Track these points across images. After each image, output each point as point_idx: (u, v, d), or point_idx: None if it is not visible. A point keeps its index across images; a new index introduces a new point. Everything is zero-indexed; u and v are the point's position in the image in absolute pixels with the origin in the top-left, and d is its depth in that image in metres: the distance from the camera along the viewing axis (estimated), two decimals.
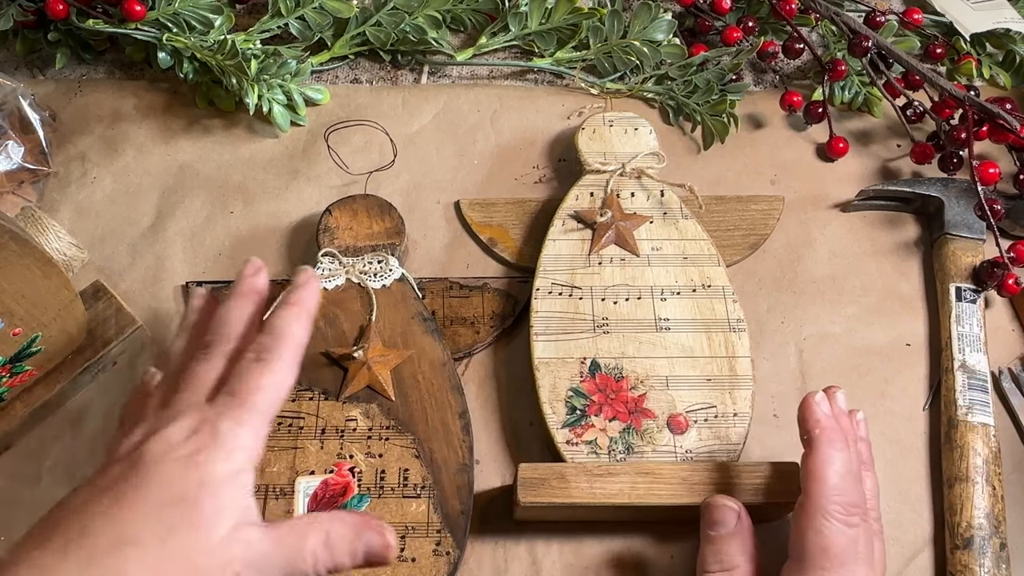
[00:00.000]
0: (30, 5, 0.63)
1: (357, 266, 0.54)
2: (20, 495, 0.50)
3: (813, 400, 0.44)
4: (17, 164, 0.60)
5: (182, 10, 0.60)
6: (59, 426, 0.52)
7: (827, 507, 0.40)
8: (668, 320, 0.52)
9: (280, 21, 0.64)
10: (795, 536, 0.41)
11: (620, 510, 0.46)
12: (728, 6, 0.68)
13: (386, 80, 0.69)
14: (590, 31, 0.66)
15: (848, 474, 0.41)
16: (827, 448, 0.42)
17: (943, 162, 0.61)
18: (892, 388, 0.55)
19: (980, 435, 0.51)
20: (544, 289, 0.53)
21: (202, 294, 0.46)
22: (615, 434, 0.49)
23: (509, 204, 0.60)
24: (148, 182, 0.62)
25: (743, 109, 0.66)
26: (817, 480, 0.41)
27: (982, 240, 0.58)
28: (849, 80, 0.66)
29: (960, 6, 0.69)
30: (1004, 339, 0.56)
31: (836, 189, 0.62)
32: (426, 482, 0.48)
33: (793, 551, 0.41)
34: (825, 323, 0.57)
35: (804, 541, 0.40)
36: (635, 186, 0.57)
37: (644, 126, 0.60)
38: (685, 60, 0.65)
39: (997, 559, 0.48)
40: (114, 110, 0.65)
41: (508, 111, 0.66)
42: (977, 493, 0.49)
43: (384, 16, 0.65)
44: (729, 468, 0.46)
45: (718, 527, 0.43)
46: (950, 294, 0.56)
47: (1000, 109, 0.57)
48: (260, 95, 0.61)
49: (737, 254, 0.58)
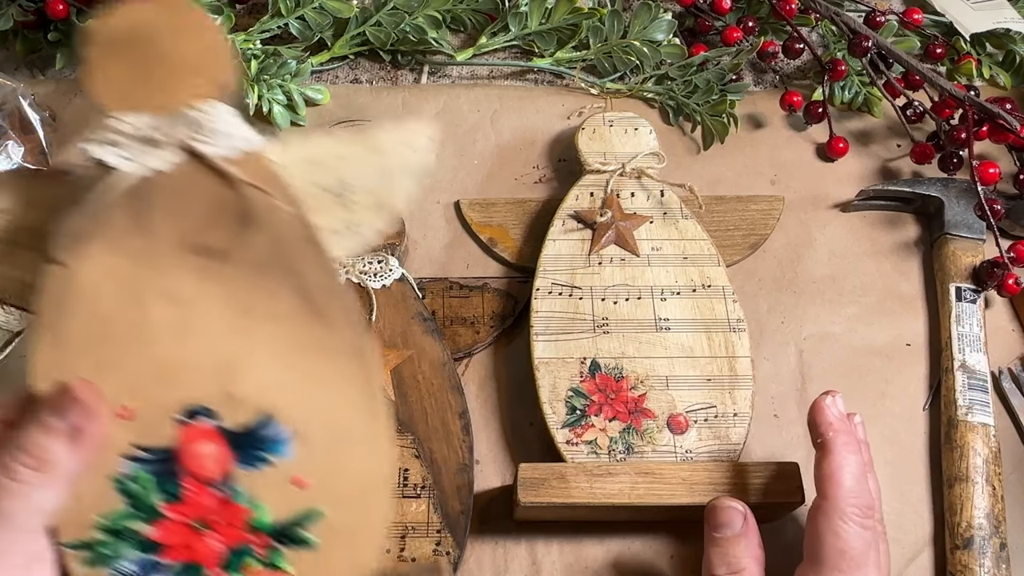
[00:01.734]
0: (30, 5, 0.63)
1: (357, 266, 0.54)
2: None
3: (824, 403, 0.44)
4: (17, 164, 0.59)
5: None
6: None
7: (845, 509, 0.40)
8: (668, 320, 0.52)
9: (280, 21, 0.64)
10: (811, 538, 0.41)
11: (620, 510, 0.46)
12: (728, 6, 0.68)
13: (386, 80, 0.69)
14: (590, 31, 0.66)
15: (862, 477, 0.41)
16: (843, 451, 0.42)
17: (943, 162, 0.61)
18: (892, 388, 0.55)
19: (980, 435, 0.51)
20: (544, 289, 0.53)
21: None
22: (615, 434, 0.49)
23: (509, 204, 0.60)
24: None
25: (743, 109, 0.66)
26: (834, 483, 0.41)
27: (982, 240, 0.58)
28: (849, 80, 0.66)
29: (960, 6, 0.69)
30: (1004, 339, 0.56)
31: (836, 189, 0.62)
32: (426, 482, 0.48)
33: (809, 553, 0.41)
34: (825, 323, 0.57)
35: (821, 543, 0.40)
36: (635, 186, 0.57)
37: (644, 126, 0.60)
38: (685, 60, 0.65)
39: (997, 559, 0.48)
40: None
41: (508, 111, 0.66)
42: (977, 493, 0.49)
43: (384, 16, 0.65)
44: (729, 468, 0.46)
45: (724, 529, 0.43)
46: (950, 294, 0.56)
47: (1000, 109, 0.57)
48: (260, 95, 0.61)
49: (737, 254, 0.58)
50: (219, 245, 0.34)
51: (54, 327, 0.34)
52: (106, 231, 0.34)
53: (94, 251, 0.34)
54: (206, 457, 0.33)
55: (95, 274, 0.34)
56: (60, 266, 0.34)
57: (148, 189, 0.34)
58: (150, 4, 0.36)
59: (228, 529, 0.33)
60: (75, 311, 0.34)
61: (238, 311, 0.34)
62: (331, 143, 0.37)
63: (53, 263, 0.34)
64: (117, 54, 0.36)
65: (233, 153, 0.35)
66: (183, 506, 0.33)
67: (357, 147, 0.38)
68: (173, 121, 0.35)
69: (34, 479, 0.31)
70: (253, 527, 0.33)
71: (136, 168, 0.35)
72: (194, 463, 0.33)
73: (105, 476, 0.33)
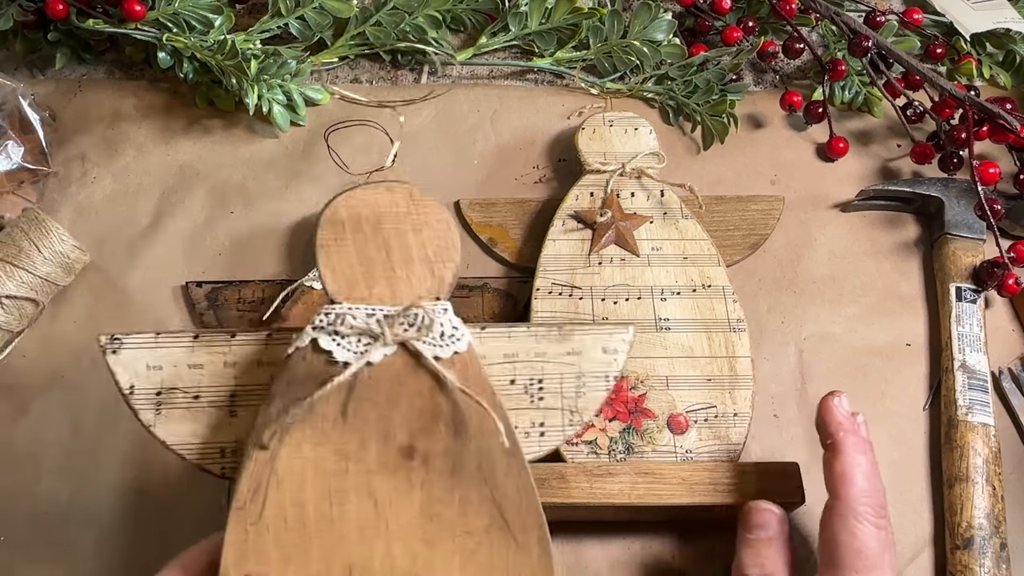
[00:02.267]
0: (30, 5, 0.63)
1: None
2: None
3: (832, 403, 0.43)
4: (17, 164, 0.60)
5: (182, 10, 0.60)
6: (58, 426, 0.52)
7: (859, 509, 0.40)
8: (668, 320, 0.52)
9: (280, 21, 0.64)
10: (826, 541, 0.41)
11: (620, 510, 0.46)
12: (728, 6, 0.68)
13: (386, 80, 0.69)
14: (590, 31, 0.66)
15: (873, 476, 0.41)
16: (853, 451, 0.41)
17: (943, 162, 0.61)
18: (892, 388, 0.55)
19: (980, 435, 0.51)
20: (544, 289, 0.53)
21: None
22: (615, 434, 0.49)
23: (509, 204, 0.60)
24: (148, 182, 0.62)
25: (743, 109, 0.66)
26: (847, 483, 0.41)
27: (982, 240, 0.58)
28: (849, 80, 0.66)
29: (960, 6, 0.69)
30: (1004, 339, 0.56)
31: (836, 189, 0.62)
32: None
33: (825, 556, 0.41)
34: (825, 323, 0.57)
35: (837, 544, 0.40)
36: (635, 186, 0.57)
37: (644, 126, 0.60)
38: (685, 60, 0.65)
39: (997, 559, 0.48)
40: (114, 110, 0.65)
41: (508, 111, 0.66)
42: (977, 493, 0.49)
43: (384, 16, 0.65)
44: (729, 468, 0.46)
45: (758, 531, 0.43)
46: (950, 294, 0.56)
47: (1000, 109, 0.57)
48: (260, 95, 0.61)
49: (737, 254, 0.58)
50: (427, 449, 0.34)
51: (248, 512, 0.33)
52: (315, 420, 0.34)
53: (300, 438, 0.34)
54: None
55: (298, 462, 0.33)
56: (264, 450, 0.33)
57: (362, 383, 0.34)
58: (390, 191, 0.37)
59: None
60: (272, 497, 0.33)
61: (432, 519, 0.33)
62: (530, 339, 0.38)
63: (257, 447, 0.33)
64: (352, 238, 0.36)
65: (447, 354, 0.35)
66: None
67: (555, 346, 0.38)
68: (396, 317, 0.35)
69: None
70: None
71: (353, 359, 0.34)
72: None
73: None
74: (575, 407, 0.37)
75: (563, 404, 0.37)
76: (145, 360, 0.37)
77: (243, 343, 0.38)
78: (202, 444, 0.36)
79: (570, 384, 0.37)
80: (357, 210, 0.37)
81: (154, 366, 0.37)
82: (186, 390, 0.37)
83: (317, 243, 0.37)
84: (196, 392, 0.37)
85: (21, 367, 0.55)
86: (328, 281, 0.36)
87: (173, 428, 0.36)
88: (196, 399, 0.37)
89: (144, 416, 0.37)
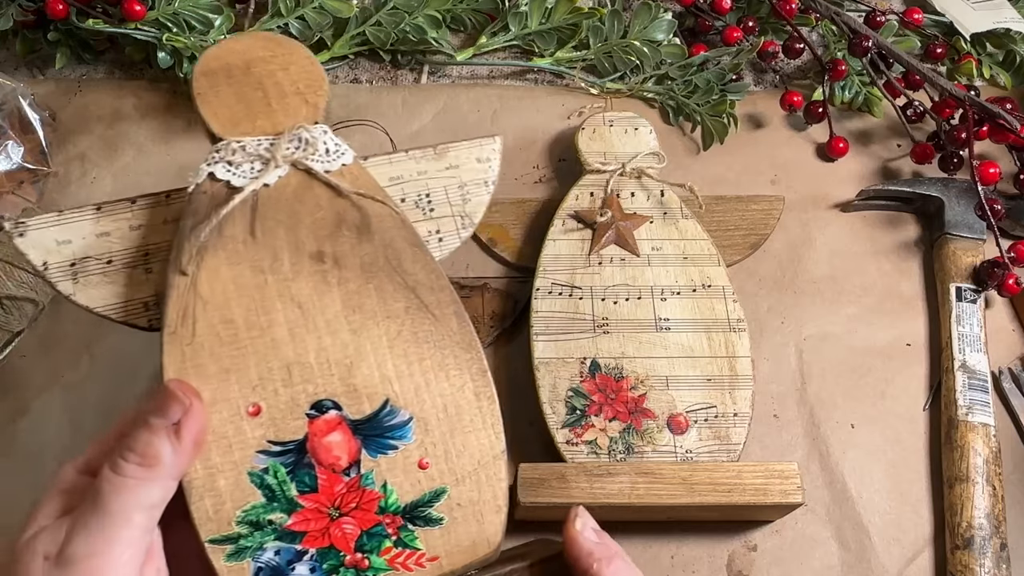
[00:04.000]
0: (30, 5, 0.63)
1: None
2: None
3: (575, 532, 0.38)
4: (17, 164, 0.60)
5: (182, 10, 0.60)
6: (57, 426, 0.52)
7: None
8: (668, 320, 0.52)
9: (280, 21, 0.64)
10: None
11: (620, 510, 0.46)
12: (728, 6, 0.68)
13: (386, 80, 0.69)
14: (590, 31, 0.66)
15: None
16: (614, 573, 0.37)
17: (943, 162, 0.61)
18: (892, 388, 0.55)
19: (980, 435, 0.51)
20: (544, 289, 0.53)
21: None
22: (615, 434, 0.49)
23: (509, 204, 0.60)
24: (148, 182, 0.62)
25: (743, 109, 0.66)
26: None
27: (982, 240, 0.58)
28: (849, 80, 0.66)
29: (960, 6, 0.69)
30: (1004, 339, 0.56)
31: (836, 189, 0.62)
32: None
33: None
34: (825, 323, 0.57)
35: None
36: (635, 186, 0.57)
37: (644, 126, 0.60)
38: (685, 60, 0.65)
39: (997, 559, 0.48)
40: (114, 110, 0.65)
41: (508, 111, 0.66)
42: (977, 493, 0.49)
43: (384, 16, 0.65)
44: (729, 468, 0.46)
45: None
46: (950, 294, 0.56)
47: (1000, 109, 0.57)
48: None
49: (737, 254, 0.58)
50: (336, 252, 0.37)
51: (180, 335, 0.35)
52: (227, 243, 0.37)
53: (216, 262, 0.36)
54: (335, 447, 0.35)
55: (219, 283, 0.36)
56: (184, 277, 0.36)
57: (263, 203, 0.38)
58: (252, 38, 0.41)
59: (361, 514, 0.35)
60: (201, 318, 0.35)
61: (354, 311, 0.37)
62: (410, 161, 0.42)
63: (178, 274, 0.36)
64: (226, 84, 0.40)
65: (336, 167, 0.39)
66: (317, 495, 0.35)
67: (434, 163, 0.42)
68: (281, 141, 0.38)
69: (140, 474, 0.32)
70: (384, 510, 0.35)
71: (250, 184, 0.38)
72: (324, 453, 0.35)
73: (242, 472, 0.35)
74: (464, 212, 0.42)
75: (452, 211, 0.42)
76: (53, 236, 0.39)
77: (144, 206, 0.40)
78: (124, 303, 0.39)
79: (455, 193, 0.42)
80: (226, 60, 0.40)
81: (63, 240, 0.39)
82: (98, 257, 0.39)
83: (194, 95, 0.39)
84: (108, 257, 0.39)
85: (21, 367, 0.55)
86: (212, 124, 0.39)
87: (93, 293, 0.39)
88: (110, 263, 0.39)
89: (63, 287, 0.39)
